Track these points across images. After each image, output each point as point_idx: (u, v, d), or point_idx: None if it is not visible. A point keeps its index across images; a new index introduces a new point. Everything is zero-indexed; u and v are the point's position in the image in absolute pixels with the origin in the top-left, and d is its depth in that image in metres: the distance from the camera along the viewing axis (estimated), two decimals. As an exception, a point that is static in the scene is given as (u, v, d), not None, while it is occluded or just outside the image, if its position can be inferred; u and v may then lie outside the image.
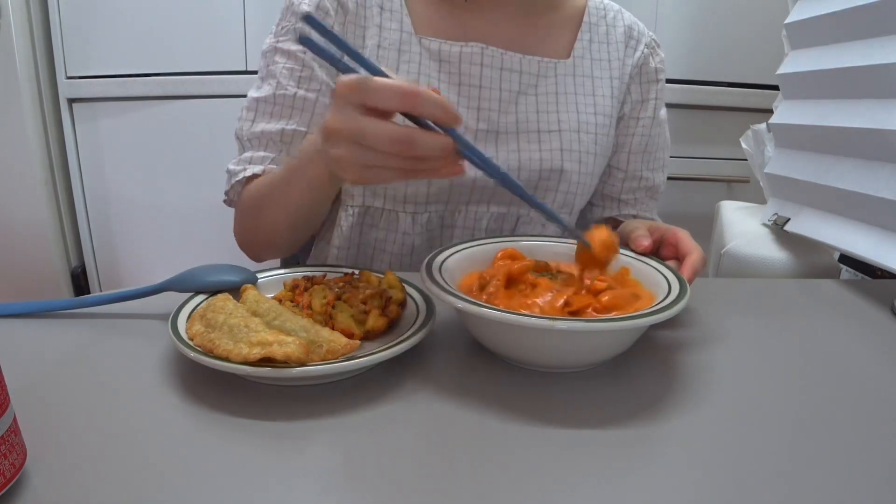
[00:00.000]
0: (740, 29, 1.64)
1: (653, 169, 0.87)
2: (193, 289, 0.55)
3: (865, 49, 0.76)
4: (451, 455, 0.39)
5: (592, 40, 0.81)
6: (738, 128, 1.17)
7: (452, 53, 0.75)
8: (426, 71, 0.74)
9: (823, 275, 0.86)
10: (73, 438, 0.40)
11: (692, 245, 0.59)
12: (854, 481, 0.38)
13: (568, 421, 0.43)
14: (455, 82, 0.75)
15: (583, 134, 0.78)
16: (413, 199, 0.75)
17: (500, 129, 0.76)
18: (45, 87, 1.63)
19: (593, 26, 0.82)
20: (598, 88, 0.81)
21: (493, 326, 0.48)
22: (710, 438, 0.42)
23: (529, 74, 0.78)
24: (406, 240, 0.77)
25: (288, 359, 0.42)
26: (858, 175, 0.76)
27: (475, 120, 0.75)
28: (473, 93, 0.76)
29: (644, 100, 0.85)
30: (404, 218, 0.76)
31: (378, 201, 0.76)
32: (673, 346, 0.55)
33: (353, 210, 0.77)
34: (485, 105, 0.76)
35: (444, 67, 0.75)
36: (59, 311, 0.57)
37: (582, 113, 0.79)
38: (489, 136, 0.76)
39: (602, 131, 0.80)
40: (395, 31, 0.75)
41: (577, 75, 0.80)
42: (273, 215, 0.68)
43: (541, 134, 0.77)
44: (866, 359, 0.54)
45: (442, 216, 0.77)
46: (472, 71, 0.75)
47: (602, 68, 0.81)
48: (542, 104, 0.78)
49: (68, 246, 1.75)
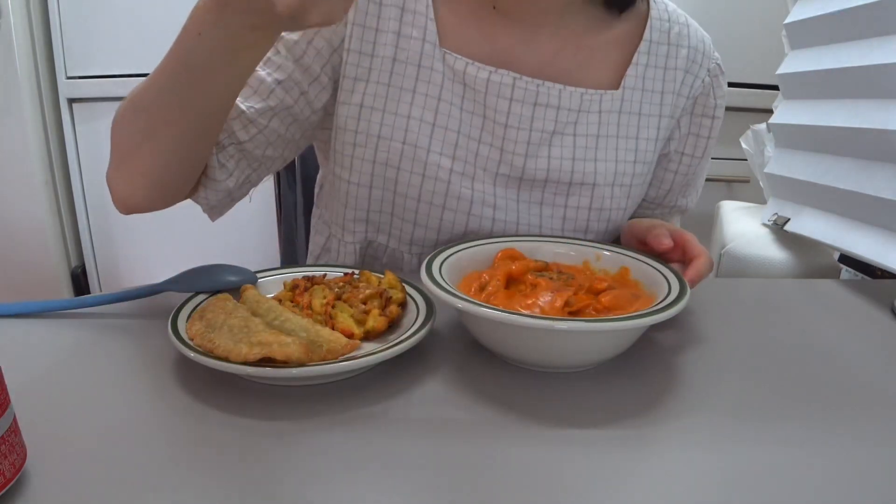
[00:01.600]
0: (740, 29, 1.63)
1: (688, 196, 0.78)
2: (193, 289, 0.55)
3: (865, 49, 0.76)
4: (451, 455, 0.39)
5: (649, 65, 0.68)
6: (738, 128, 1.17)
7: (479, 80, 0.64)
8: (448, 97, 0.64)
9: (823, 275, 0.86)
10: (73, 438, 0.40)
11: (700, 249, 0.57)
12: (854, 481, 0.38)
13: (568, 421, 0.43)
14: (479, 114, 0.65)
15: (616, 188, 0.68)
16: (421, 242, 0.68)
17: (526, 177, 0.66)
18: (45, 87, 1.63)
19: (654, 45, 0.68)
20: (644, 130, 0.69)
21: (493, 326, 0.48)
22: (710, 438, 0.42)
23: (569, 111, 0.66)
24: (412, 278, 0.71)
25: (288, 359, 0.42)
26: (858, 175, 0.76)
27: (497, 163, 0.65)
28: (499, 131, 0.65)
29: (694, 134, 0.73)
30: (409, 259, 0.70)
31: (382, 237, 0.69)
32: (673, 346, 0.55)
33: (355, 247, 0.70)
34: (510, 147, 0.65)
35: (469, 95, 0.64)
36: (59, 311, 0.57)
37: (621, 162, 0.68)
38: (510, 183, 0.66)
39: (638, 181, 0.70)
40: (417, 40, 0.63)
41: (622, 111, 0.68)
42: (165, 128, 0.52)
43: (571, 186, 0.67)
44: (866, 359, 0.54)
45: None
46: (499, 106, 0.64)
47: (653, 102, 0.69)
48: (579, 150, 0.67)
49: (68, 246, 1.75)
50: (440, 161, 0.64)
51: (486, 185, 0.66)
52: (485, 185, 0.66)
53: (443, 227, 0.66)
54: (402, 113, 0.63)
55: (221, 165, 0.61)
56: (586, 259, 0.60)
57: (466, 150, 0.65)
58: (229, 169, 0.62)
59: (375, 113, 0.64)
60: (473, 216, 0.66)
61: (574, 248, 0.60)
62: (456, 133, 0.64)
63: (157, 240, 1.76)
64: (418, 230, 0.67)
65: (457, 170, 0.64)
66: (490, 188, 0.66)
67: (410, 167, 0.64)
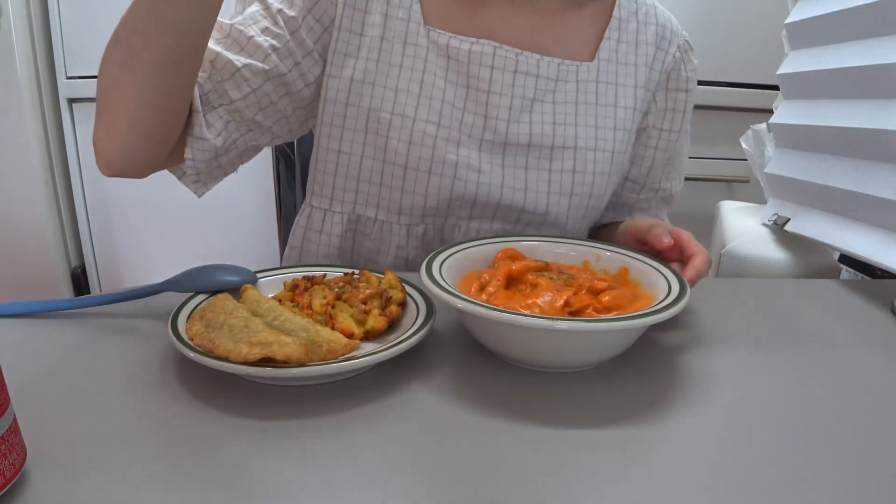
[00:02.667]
0: (740, 29, 1.64)
1: (671, 178, 0.82)
2: (193, 289, 0.55)
3: (865, 49, 0.76)
4: (451, 455, 0.39)
5: (621, 40, 0.73)
6: (738, 128, 1.17)
7: (462, 51, 0.68)
8: (432, 69, 0.68)
9: (823, 275, 0.86)
10: (73, 438, 0.40)
11: (698, 248, 0.58)
12: (854, 481, 0.38)
13: (568, 421, 0.43)
14: (463, 84, 0.69)
15: (598, 152, 0.72)
16: (409, 210, 0.70)
17: (510, 141, 0.70)
18: (45, 87, 1.63)
19: (623, 22, 0.74)
20: (622, 98, 0.73)
21: (493, 326, 0.48)
22: (710, 438, 0.42)
23: (547, 79, 0.70)
24: (400, 253, 0.72)
25: (288, 359, 0.42)
26: (858, 175, 0.76)
27: (481, 128, 0.69)
28: (482, 98, 0.69)
29: (670, 109, 0.77)
30: (398, 230, 0.71)
31: (370, 211, 0.71)
32: (673, 346, 0.55)
33: (343, 217, 0.72)
34: (493, 113, 0.69)
35: (452, 66, 0.68)
36: (59, 311, 0.57)
37: (601, 128, 0.72)
38: (495, 148, 0.69)
39: (619, 148, 0.74)
40: (403, 20, 0.67)
41: (599, 81, 0.72)
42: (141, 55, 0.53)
43: (553, 150, 0.70)
44: (866, 359, 0.54)
45: (441, 230, 0.72)
46: (481, 73, 0.68)
47: (627, 74, 0.73)
48: (559, 115, 0.71)
49: (68, 246, 1.75)
50: (426, 128, 0.67)
51: (471, 151, 0.69)
52: (470, 150, 0.69)
53: (429, 192, 0.69)
54: (389, 86, 0.67)
55: (209, 125, 0.62)
56: (586, 259, 0.60)
57: (451, 118, 0.68)
58: (217, 129, 0.62)
59: (366, 86, 0.67)
60: (458, 180, 0.69)
61: (574, 248, 0.60)
62: (440, 102, 0.68)
63: (157, 240, 1.76)
64: (406, 197, 0.69)
65: (442, 136, 0.68)
66: (475, 153, 0.69)
67: (398, 135, 0.67)
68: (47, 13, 1.57)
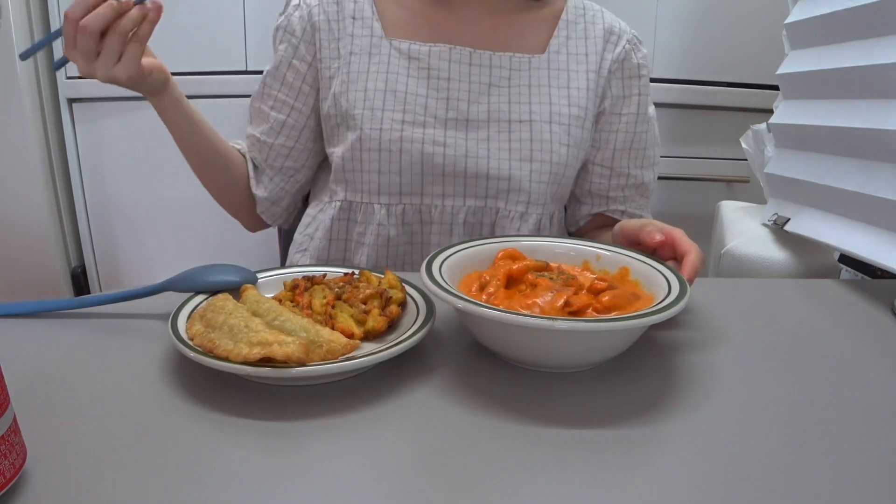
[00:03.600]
0: (740, 29, 1.64)
1: (641, 167, 0.86)
2: (193, 289, 0.55)
3: (865, 49, 0.76)
4: (451, 455, 0.39)
5: (570, 37, 0.82)
6: (738, 128, 1.17)
7: (422, 52, 0.78)
8: (395, 69, 0.77)
9: (823, 275, 0.86)
10: (73, 438, 0.40)
11: (690, 244, 0.59)
12: (854, 481, 0.38)
13: (568, 421, 0.43)
14: (424, 76, 0.78)
15: (555, 125, 0.79)
16: (386, 189, 0.77)
17: (471, 118, 0.78)
18: (45, 87, 1.63)
19: (571, 24, 0.83)
20: (574, 81, 0.81)
21: (493, 326, 0.48)
22: (710, 438, 0.42)
23: (501, 69, 0.79)
24: (381, 231, 0.78)
25: (288, 359, 0.42)
26: (858, 175, 0.76)
27: (444, 109, 0.77)
28: (443, 84, 0.78)
29: (627, 95, 0.84)
30: (379, 210, 0.78)
31: (357, 196, 0.79)
32: (673, 346, 0.55)
33: (335, 204, 0.80)
34: (454, 95, 0.78)
35: (414, 64, 0.78)
36: (59, 311, 0.57)
37: (555, 104, 0.79)
38: (459, 125, 0.78)
39: (575, 123, 0.80)
40: (366, 37, 0.79)
41: (551, 69, 0.80)
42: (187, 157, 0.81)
43: (511, 124, 0.78)
44: (866, 359, 0.54)
45: (419, 210, 0.79)
46: (441, 66, 0.78)
47: (579, 62, 0.81)
48: (514, 95, 0.79)
49: (68, 246, 1.75)
50: (393, 115, 0.76)
51: (436, 130, 0.77)
52: (435, 129, 0.77)
53: (403, 169, 0.77)
54: (359, 88, 0.78)
55: (258, 182, 0.85)
56: (586, 259, 0.60)
57: (415, 105, 0.77)
58: (264, 183, 0.85)
59: (342, 95, 0.78)
60: (426, 155, 0.77)
61: (574, 248, 0.60)
62: (404, 93, 0.77)
63: (157, 240, 1.76)
64: (382, 177, 0.77)
65: (408, 120, 0.77)
66: (440, 131, 0.77)
67: (370, 125, 0.77)
68: (47, 13, 1.57)
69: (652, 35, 1.62)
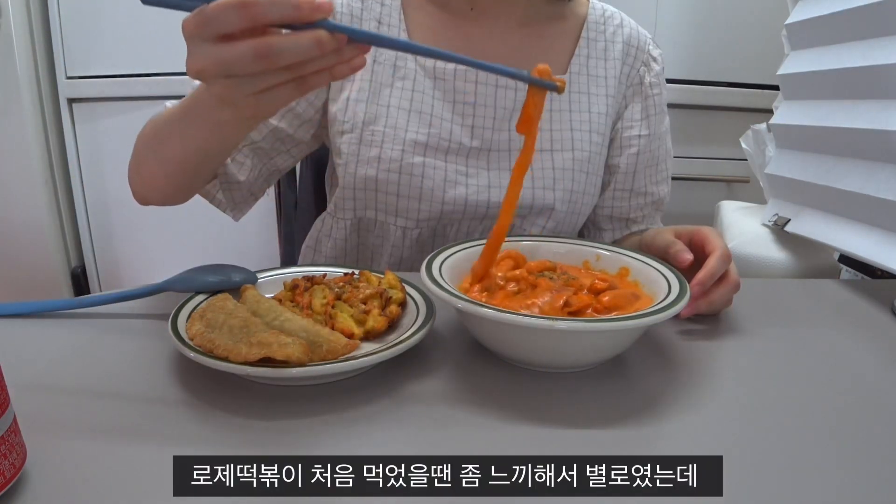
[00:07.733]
0: (740, 29, 1.64)
1: (657, 182, 0.85)
2: (193, 289, 0.55)
3: (865, 49, 0.76)
4: (451, 454, 0.39)
5: (590, 56, 0.80)
6: (738, 128, 1.17)
7: (447, 71, 0.75)
8: (420, 87, 0.74)
9: (823, 275, 0.86)
10: (73, 438, 0.40)
11: (715, 244, 0.58)
12: (854, 481, 0.38)
13: (568, 421, 0.43)
14: (450, 100, 0.75)
15: (577, 152, 0.77)
16: (405, 213, 0.75)
17: (493, 147, 0.76)
18: (45, 87, 1.63)
19: (591, 42, 0.81)
20: (594, 105, 0.79)
21: (493, 326, 0.48)
22: (710, 438, 0.42)
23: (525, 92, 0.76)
24: (395, 252, 0.77)
25: (288, 359, 0.42)
26: (859, 176, 0.76)
27: (469, 138, 0.75)
28: (468, 110, 0.75)
29: (644, 118, 0.83)
30: (395, 231, 0.76)
31: (370, 213, 0.76)
32: (673, 346, 0.55)
33: (346, 223, 0.77)
34: (479, 123, 0.75)
35: (439, 85, 0.75)
36: (59, 311, 0.57)
37: (576, 131, 0.78)
38: (481, 154, 0.76)
39: (595, 150, 0.79)
40: None
41: (572, 91, 0.79)
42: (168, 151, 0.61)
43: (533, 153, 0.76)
44: (866, 359, 0.54)
45: (434, 231, 0.77)
46: (466, 88, 0.75)
47: (598, 85, 0.80)
48: None
49: (68, 246, 1.75)
50: (416, 137, 0.73)
51: (458, 157, 0.75)
52: (458, 157, 0.75)
53: (423, 195, 0.74)
54: (382, 103, 0.74)
55: (238, 163, 0.73)
56: (586, 259, 0.60)
57: (440, 129, 0.74)
58: (247, 167, 0.74)
59: (360, 104, 0.74)
60: (449, 182, 0.74)
61: (574, 248, 0.60)
62: (430, 115, 0.74)
63: (157, 240, 1.76)
64: (402, 200, 0.74)
65: (431, 144, 0.74)
66: (462, 160, 0.75)
67: (391, 145, 0.73)
68: (47, 13, 1.57)
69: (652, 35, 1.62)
